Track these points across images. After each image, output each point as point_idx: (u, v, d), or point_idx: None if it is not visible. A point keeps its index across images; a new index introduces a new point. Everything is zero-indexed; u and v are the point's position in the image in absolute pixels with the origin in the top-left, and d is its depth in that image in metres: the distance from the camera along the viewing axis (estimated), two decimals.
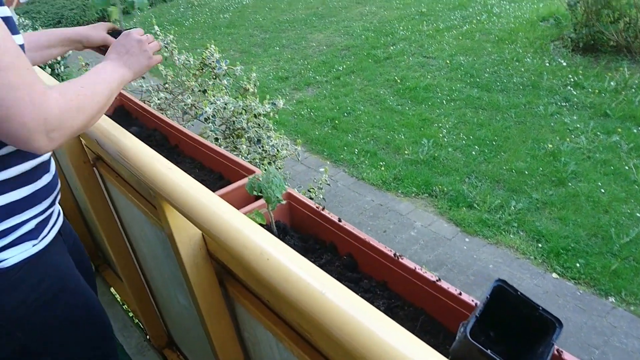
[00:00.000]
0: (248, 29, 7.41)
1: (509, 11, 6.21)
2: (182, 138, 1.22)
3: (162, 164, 0.81)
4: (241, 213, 0.72)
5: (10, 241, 0.92)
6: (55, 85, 0.82)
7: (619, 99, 4.23)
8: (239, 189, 0.98)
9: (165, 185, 0.78)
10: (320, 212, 0.91)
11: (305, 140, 4.52)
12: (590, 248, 3.07)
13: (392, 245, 3.30)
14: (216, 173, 1.12)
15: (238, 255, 0.68)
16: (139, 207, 1.12)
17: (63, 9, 8.87)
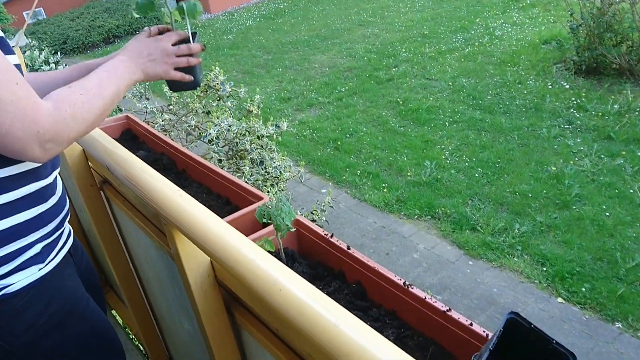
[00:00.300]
0: (251, 50, 7.50)
1: (511, 34, 6.27)
2: (190, 163, 1.21)
3: (172, 191, 0.80)
4: (251, 241, 0.72)
5: (15, 266, 0.90)
6: (54, 92, 0.82)
7: (622, 121, 4.24)
8: (247, 214, 0.97)
9: (175, 212, 0.77)
10: (328, 240, 0.90)
11: (307, 161, 4.53)
12: (595, 272, 3.04)
13: (395, 268, 3.28)
14: (223, 198, 1.11)
15: (249, 284, 0.68)
16: (145, 231, 1.11)
17: (69, 29, 8.99)
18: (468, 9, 7.39)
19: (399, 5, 8.18)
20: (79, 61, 6.76)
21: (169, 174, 1.25)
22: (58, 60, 5.84)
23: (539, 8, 6.81)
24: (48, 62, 5.55)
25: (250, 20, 8.91)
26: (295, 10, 9.09)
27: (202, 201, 1.12)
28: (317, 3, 9.23)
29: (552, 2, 6.63)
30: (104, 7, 9.68)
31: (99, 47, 8.90)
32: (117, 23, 9.13)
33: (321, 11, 8.72)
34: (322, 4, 9.09)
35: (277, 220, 0.80)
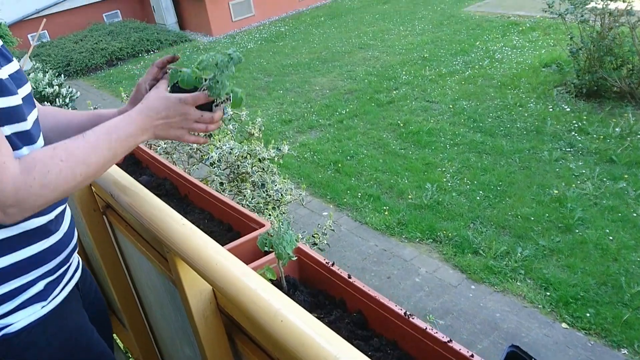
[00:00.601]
0: (252, 73, 7.57)
1: (511, 57, 6.33)
2: (192, 189, 1.22)
3: (176, 219, 0.80)
4: (253, 271, 0.71)
5: (16, 305, 0.87)
6: (35, 152, 0.77)
7: (624, 145, 4.25)
8: (249, 242, 0.97)
9: (178, 241, 0.77)
10: (329, 268, 0.90)
11: (308, 183, 4.53)
12: (600, 297, 3.01)
13: (396, 292, 3.25)
14: (225, 224, 1.11)
15: (251, 315, 0.68)
16: (148, 257, 1.11)
17: (72, 52, 9.09)
18: (468, 32, 7.48)
19: (399, 29, 8.28)
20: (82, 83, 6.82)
21: (171, 200, 1.25)
22: (61, 82, 5.91)
23: (539, 32, 6.89)
24: (52, 84, 5.62)
25: (252, 43, 9.02)
26: (296, 33, 9.21)
27: (204, 227, 1.12)
28: (318, 26, 9.36)
29: (552, 26, 6.70)
30: (107, 30, 9.81)
31: (102, 69, 9.00)
32: (120, 46, 9.24)
33: (322, 34, 8.83)
34: (323, 27, 9.22)
35: (279, 248, 0.80)
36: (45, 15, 10.04)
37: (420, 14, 8.87)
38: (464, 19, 8.08)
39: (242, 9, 10.16)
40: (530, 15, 7.56)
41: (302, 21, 9.88)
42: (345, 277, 0.86)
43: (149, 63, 8.87)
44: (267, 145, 2.98)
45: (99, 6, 10.78)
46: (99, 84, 8.29)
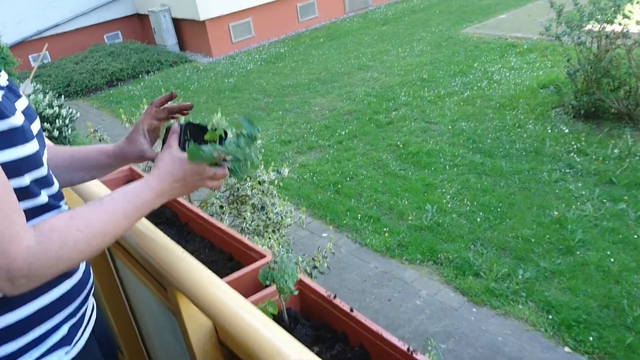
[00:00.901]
0: (252, 93, 7.61)
1: (509, 78, 6.38)
2: (192, 217, 1.20)
3: (176, 252, 0.79)
4: (255, 307, 0.70)
5: (42, 352, 0.82)
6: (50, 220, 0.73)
7: (623, 166, 4.26)
8: (249, 273, 0.96)
9: (178, 275, 0.76)
10: (331, 301, 0.88)
11: (308, 204, 4.52)
12: (602, 320, 2.98)
13: (397, 315, 3.21)
14: (226, 253, 1.10)
15: (252, 352, 0.66)
16: (148, 287, 1.09)
17: (72, 73, 9.15)
18: (466, 53, 7.55)
19: (397, 50, 8.37)
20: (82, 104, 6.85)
21: (171, 228, 1.24)
22: (62, 103, 5.93)
23: (536, 53, 6.96)
24: (52, 106, 5.64)
25: (251, 64, 9.10)
26: (295, 54, 9.29)
27: (205, 257, 1.10)
28: (317, 47, 9.45)
29: (549, 48, 6.77)
30: (107, 51, 9.90)
31: (102, 89, 9.05)
32: (120, 66, 9.30)
33: (321, 55, 8.92)
34: (322, 49, 9.31)
35: (281, 282, 0.79)
36: (47, 37, 10.15)
37: (418, 35, 8.97)
38: (462, 41, 8.17)
39: (242, 30, 10.27)
40: (527, 37, 7.65)
41: (301, 42, 9.98)
42: (347, 311, 0.85)
43: (149, 84, 8.92)
44: (267, 167, 2.98)
45: (100, 27, 10.90)
46: (98, 105, 8.33)
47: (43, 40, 9.98)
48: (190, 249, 1.13)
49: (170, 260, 0.80)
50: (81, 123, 6.87)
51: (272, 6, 10.40)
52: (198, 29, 10.00)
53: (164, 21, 10.29)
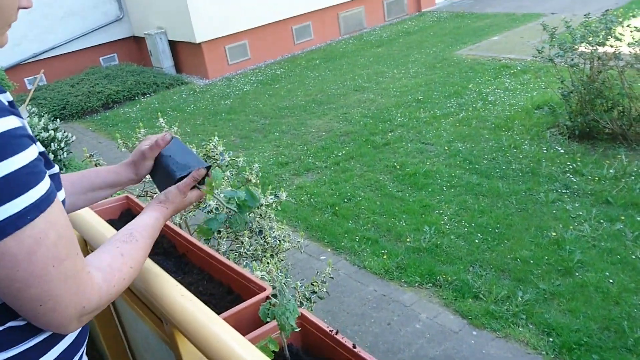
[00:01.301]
0: (248, 115, 7.64)
1: (503, 99, 6.44)
2: (190, 247, 1.19)
3: (174, 289, 0.77)
4: (255, 348, 0.68)
5: None
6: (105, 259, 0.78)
7: (619, 186, 4.27)
8: (249, 307, 0.94)
9: (177, 313, 0.74)
10: (333, 337, 0.86)
11: (305, 226, 4.50)
12: (603, 342, 2.95)
13: (397, 339, 3.17)
14: (225, 286, 1.08)
15: None
16: (145, 320, 1.07)
17: (68, 95, 9.14)
18: (460, 74, 7.63)
19: (393, 72, 8.44)
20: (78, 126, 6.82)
21: (169, 258, 1.22)
22: (57, 126, 5.92)
23: (530, 74, 7.04)
24: (47, 129, 5.62)
25: (247, 86, 9.15)
26: (291, 75, 9.36)
27: (203, 289, 1.08)
28: (313, 69, 9.53)
29: (542, 69, 6.85)
30: (103, 74, 9.91)
31: (98, 112, 9.03)
32: (116, 89, 9.31)
33: (317, 77, 8.98)
34: (318, 70, 9.38)
35: (282, 320, 0.77)
36: (43, 59, 10.18)
37: (413, 57, 9.07)
38: (456, 62, 8.26)
39: (238, 52, 10.37)
40: (521, 59, 7.74)
41: (297, 64, 10.07)
42: (350, 347, 0.83)
43: (145, 106, 8.94)
44: (265, 190, 2.96)
45: (96, 50, 10.95)
46: (94, 127, 8.32)
47: (39, 63, 10.02)
48: (188, 280, 1.11)
49: (169, 296, 0.78)
50: (77, 146, 6.86)
51: (267, 28, 10.52)
52: (194, 51, 10.08)
53: (161, 44, 10.37)
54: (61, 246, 0.68)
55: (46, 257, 0.66)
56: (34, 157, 0.68)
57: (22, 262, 0.64)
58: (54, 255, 0.67)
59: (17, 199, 0.64)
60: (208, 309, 0.75)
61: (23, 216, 0.64)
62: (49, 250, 0.66)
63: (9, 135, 0.65)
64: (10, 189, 0.63)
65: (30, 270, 0.65)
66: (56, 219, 0.68)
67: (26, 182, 0.65)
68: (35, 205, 0.66)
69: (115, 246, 0.82)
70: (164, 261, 1.23)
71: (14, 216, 0.63)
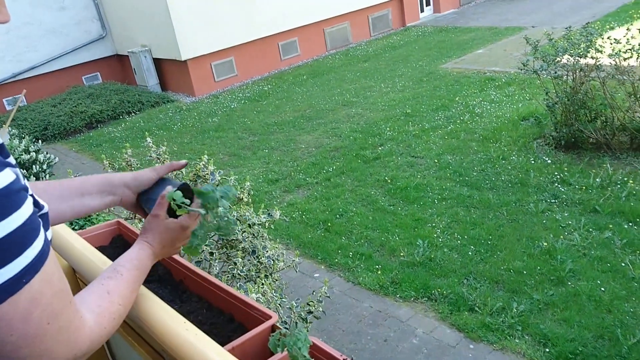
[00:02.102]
0: (237, 132, 7.62)
1: (490, 111, 6.52)
2: (188, 274, 1.17)
3: (178, 322, 0.76)
4: None
5: None
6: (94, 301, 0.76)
7: (605, 194, 4.32)
8: (255, 337, 0.92)
9: (181, 348, 0.72)
10: None
11: (298, 244, 4.47)
12: (598, 351, 2.96)
13: (394, 356, 3.15)
14: (226, 314, 1.06)
15: None
16: (141, 352, 1.04)
17: (50, 115, 8.92)
18: (447, 88, 7.72)
19: (380, 86, 8.52)
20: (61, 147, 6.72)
21: (165, 286, 1.20)
22: (39, 148, 5.82)
23: (514, 86, 7.14)
24: (28, 151, 5.51)
25: (235, 103, 9.15)
26: (279, 92, 9.39)
27: (204, 319, 1.07)
28: (301, 85, 9.58)
29: (527, 81, 6.96)
30: (86, 93, 9.74)
31: (81, 132, 8.88)
32: (100, 108, 9.15)
33: (305, 92, 9.02)
34: (306, 86, 9.43)
35: (294, 350, 0.76)
36: (23, 79, 10.04)
37: (399, 71, 9.16)
38: (442, 76, 8.36)
39: (225, 69, 10.38)
40: (505, 71, 7.87)
41: (284, 80, 10.12)
42: None
43: (130, 125, 8.87)
44: (257, 209, 2.95)
45: (78, 69, 10.82)
46: (78, 148, 8.22)
47: (19, 83, 9.89)
48: (186, 309, 1.09)
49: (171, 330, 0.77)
50: (60, 168, 6.77)
51: (254, 45, 10.57)
52: (180, 69, 10.07)
53: (145, 61, 10.32)
54: (56, 301, 0.65)
55: (41, 316, 0.63)
56: (30, 213, 0.64)
57: (16, 326, 0.61)
58: (49, 313, 0.64)
59: (12, 263, 0.60)
60: (214, 342, 0.73)
61: (19, 280, 0.61)
62: (45, 310, 0.64)
63: (5, 193, 0.60)
64: (5, 252, 0.60)
65: (25, 332, 0.62)
66: (51, 275, 0.65)
67: (22, 242, 0.62)
68: (31, 265, 0.62)
69: (100, 284, 0.80)
70: (159, 289, 1.20)
71: (9, 281, 0.60)
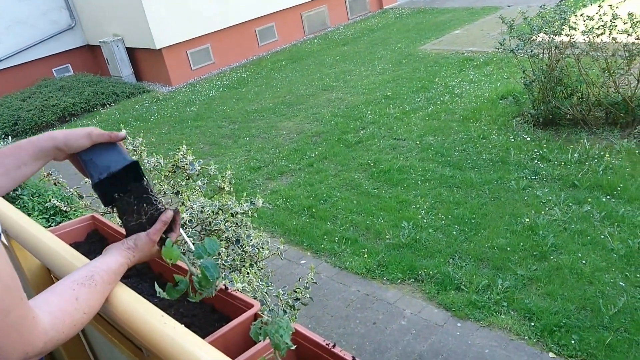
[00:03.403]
0: (216, 121, 7.53)
1: (469, 91, 6.53)
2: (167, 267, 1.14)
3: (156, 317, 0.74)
4: None
5: None
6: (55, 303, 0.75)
7: (583, 169, 4.38)
8: (237, 327, 0.91)
9: (160, 344, 0.70)
10: (330, 350, 0.84)
11: (283, 231, 4.46)
12: (581, 322, 3.02)
13: (384, 338, 3.17)
14: (207, 305, 1.04)
15: None
16: (122, 349, 1.02)
17: (20, 110, 8.61)
18: (426, 69, 7.71)
19: (360, 69, 8.48)
20: None
21: (144, 280, 1.17)
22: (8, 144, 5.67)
23: (492, 66, 7.17)
24: None
25: (213, 91, 9.03)
26: (258, 78, 9.29)
27: (185, 310, 1.05)
28: (280, 71, 9.48)
29: (504, 60, 6.99)
30: (57, 86, 9.42)
31: (53, 126, 8.62)
32: (72, 101, 8.88)
33: (284, 78, 8.94)
34: (285, 71, 9.34)
35: (276, 338, 0.74)
36: None
37: (379, 54, 9.12)
38: (421, 57, 8.35)
39: (201, 56, 10.21)
40: (482, 51, 7.88)
41: (263, 66, 10.00)
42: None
43: (105, 117, 8.70)
44: (239, 198, 2.91)
45: (47, 61, 10.49)
46: None
47: None
48: (167, 302, 1.07)
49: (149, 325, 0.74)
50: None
51: (230, 31, 10.40)
52: (155, 58, 9.88)
53: (118, 51, 10.08)
54: (7, 298, 0.64)
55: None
56: None
57: None
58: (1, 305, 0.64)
59: None
60: (194, 335, 0.71)
61: None
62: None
63: None
64: None
65: None
66: (1, 270, 0.65)
67: None
68: None
69: (71, 288, 0.79)
70: (139, 283, 1.18)
71: None
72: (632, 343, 2.81)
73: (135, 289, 0.93)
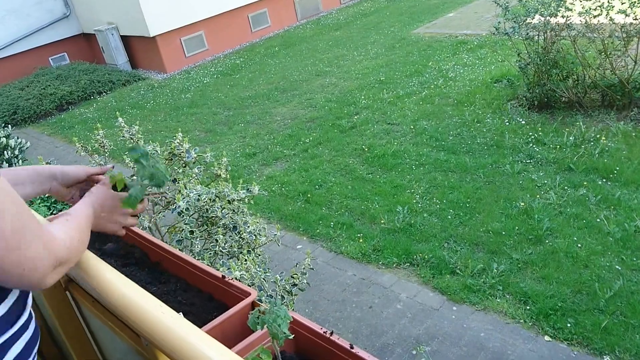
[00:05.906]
0: (211, 108, 7.48)
1: (463, 75, 6.50)
2: (165, 255, 1.13)
3: (154, 307, 0.73)
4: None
5: None
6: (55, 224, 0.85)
7: (579, 152, 4.39)
8: (235, 315, 0.90)
9: (158, 333, 0.70)
10: (328, 338, 0.83)
11: (279, 217, 4.45)
12: (577, 306, 3.05)
13: (379, 322, 3.19)
14: (206, 294, 1.04)
15: None
16: (122, 337, 1.01)
17: (18, 99, 8.68)
18: (420, 53, 7.66)
19: (353, 54, 8.41)
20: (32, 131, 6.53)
21: (142, 269, 1.16)
22: (9, 134, 5.64)
23: (486, 49, 7.12)
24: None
25: (208, 78, 8.96)
26: (251, 64, 9.21)
27: (183, 299, 1.04)
28: (273, 56, 9.40)
29: (498, 43, 6.95)
30: (54, 74, 9.42)
31: (52, 115, 8.64)
32: (69, 89, 8.91)
33: (278, 64, 8.87)
34: (278, 58, 9.26)
35: (273, 327, 0.74)
36: None
37: (372, 38, 9.05)
38: (415, 41, 8.29)
39: (195, 44, 10.12)
40: (476, 34, 7.83)
41: (256, 52, 9.91)
42: (346, 348, 0.80)
43: (102, 105, 8.64)
44: (236, 185, 2.90)
45: (43, 50, 10.44)
46: (50, 131, 7.99)
47: None
48: (165, 290, 1.06)
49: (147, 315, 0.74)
50: (32, 152, 6.58)
51: (223, 18, 10.29)
52: (149, 46, 9.78)
53: (113, 39, 10.00)
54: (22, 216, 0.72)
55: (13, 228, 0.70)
56: None
57: None
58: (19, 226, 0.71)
59: None
60: (192, 325, 0.71)
61: None
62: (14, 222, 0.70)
63: None
64: None
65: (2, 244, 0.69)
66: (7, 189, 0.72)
67: None
68: None
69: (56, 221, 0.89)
70: (137, 272, 1.17)
71: None
72: (628, 326, 2.83)
73: (133, 278, 0.93)
